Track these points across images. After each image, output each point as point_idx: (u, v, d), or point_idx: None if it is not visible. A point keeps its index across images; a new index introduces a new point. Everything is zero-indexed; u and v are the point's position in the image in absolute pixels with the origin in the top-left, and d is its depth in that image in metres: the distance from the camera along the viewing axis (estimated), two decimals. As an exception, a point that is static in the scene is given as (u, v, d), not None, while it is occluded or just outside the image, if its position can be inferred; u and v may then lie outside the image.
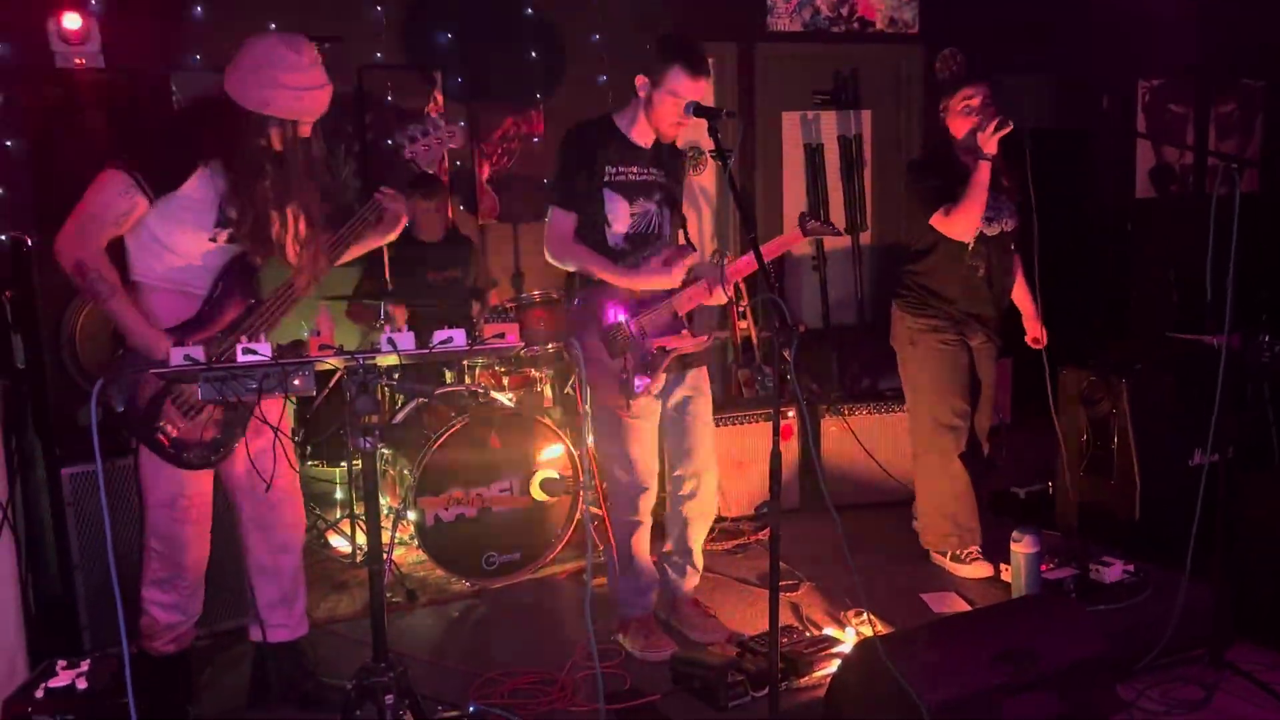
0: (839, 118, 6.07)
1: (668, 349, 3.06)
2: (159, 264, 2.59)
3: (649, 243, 3.12)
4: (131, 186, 2.47)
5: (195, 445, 2.58)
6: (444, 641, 3.39)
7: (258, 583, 2.87)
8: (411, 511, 3.65)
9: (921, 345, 3.73)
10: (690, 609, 3.35)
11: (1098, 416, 4.01)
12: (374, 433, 2.07)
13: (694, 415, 3.23)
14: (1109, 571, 3.46)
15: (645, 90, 3.00)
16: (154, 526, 2.66)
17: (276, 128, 2.54)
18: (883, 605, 3.40)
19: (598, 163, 3.04)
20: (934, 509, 3.81)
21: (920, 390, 3.78)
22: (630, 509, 3.16)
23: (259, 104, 2.50)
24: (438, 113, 2.64)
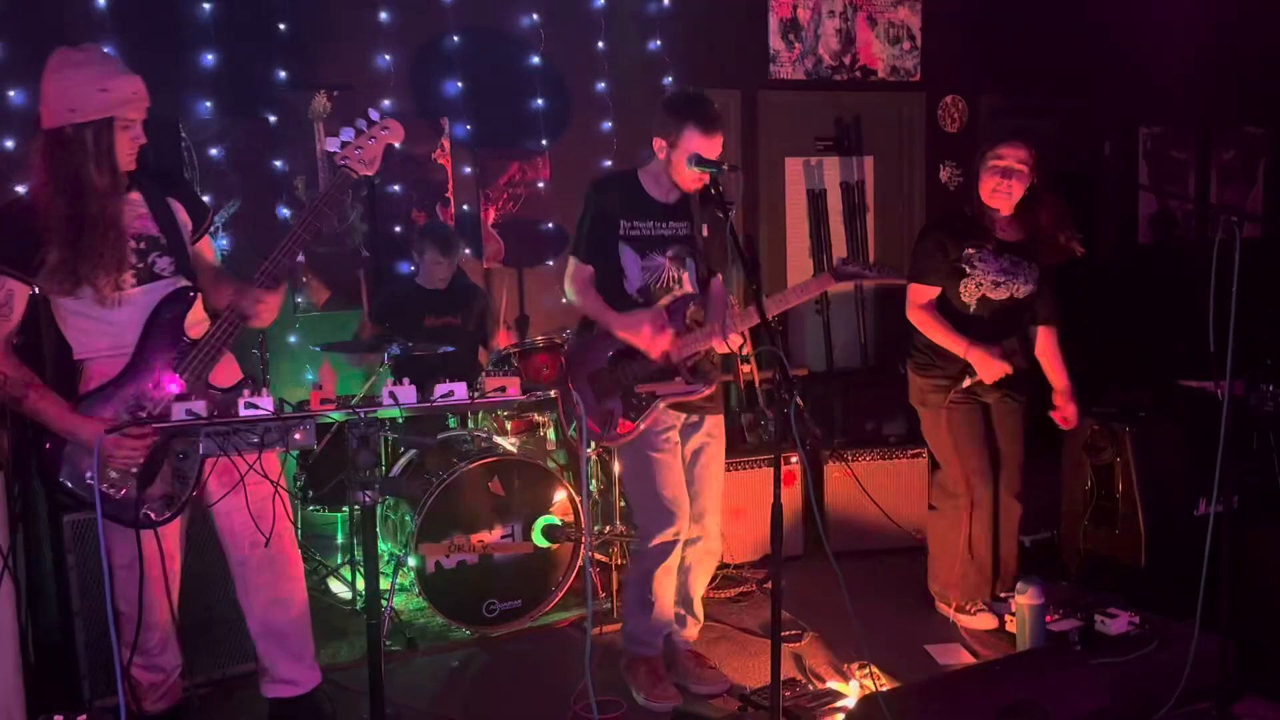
0: (841, 163, 6.12)
1: (656, 395, 3.10)
2: (85, 336, 2.54)
3: (660, 295, 3.17)
4: (2, 276, 2.42)
5: (149, 503, 2.49)
6: (444, 691, 3.36)
7: (262, 640, 2.84)
8: (412, 558, 3.63)
9: (931, 404, 3.71)
10: (690, 661, 3.33)
11: (1102, 465, 4.00)
12: (374, 485, 2.07)
13: (706, 463, 3.27)
14: (1114, 623, 3.42)
15: (665, 153, 3.07)
16: (119, 590, 2.59)
17: (92, 137, 2.39)
18: (887, 657, 3.37)
19: (615, 218, 3.12)
20: (943, 560, 3.79)
21: (935, 448, 3.78)
22: (657, 545, 3.15)
23: (66, 115, 2.37)
24: (372, 110, 2.53)
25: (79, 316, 2.53)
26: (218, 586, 3.21)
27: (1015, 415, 3.71)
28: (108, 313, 2.52)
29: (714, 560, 3.37)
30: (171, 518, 2.56)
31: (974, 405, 3.67)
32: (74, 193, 2.42)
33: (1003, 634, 3.61)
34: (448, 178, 5.14)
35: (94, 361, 2.55)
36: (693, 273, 3.24)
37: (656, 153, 3.09)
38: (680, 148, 3.00)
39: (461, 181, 5.19)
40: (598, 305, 3.14)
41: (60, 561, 3.08)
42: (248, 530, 2.62)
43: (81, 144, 2.40)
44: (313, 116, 4.82)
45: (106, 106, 2.42)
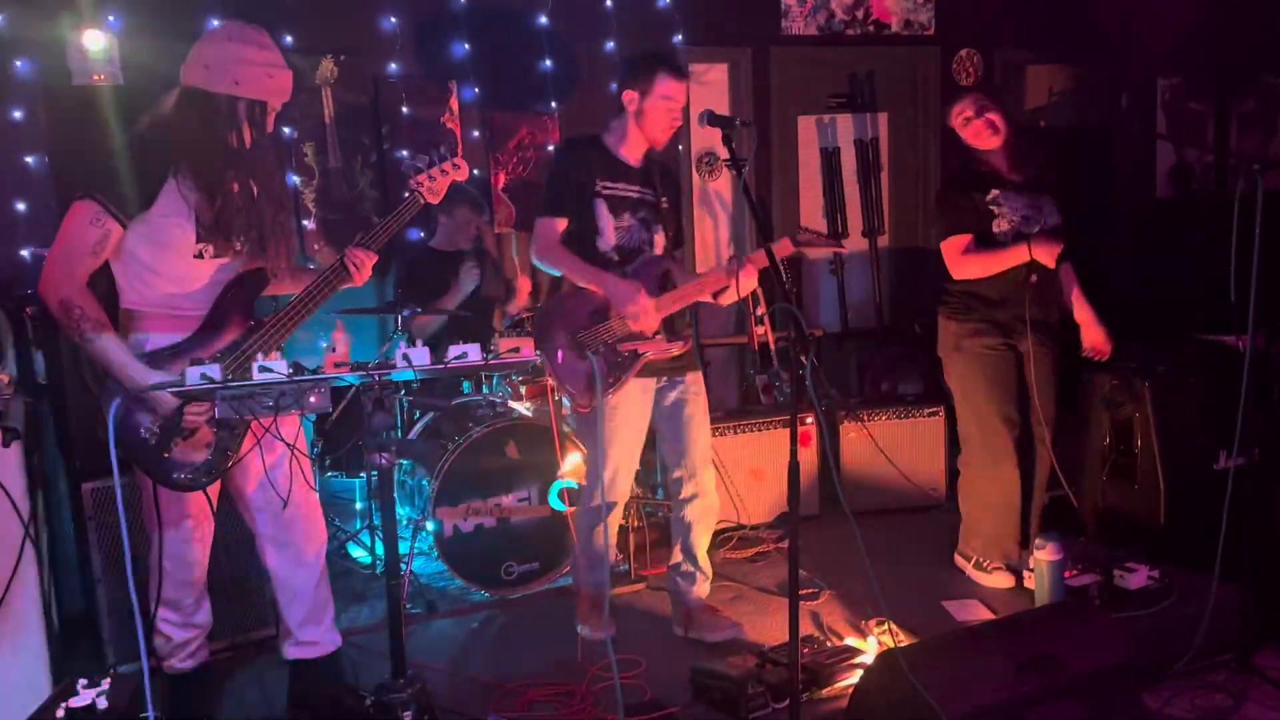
0: (855, 121, 6.04)
1: (638, 353, 3.15)
2: (148, 289, 2.55)
3: (635, 257, 3.22)
4: (100, 213, 2.43)
5: (185, 467, 2.54)
6: (464, 652, 3.39)
7: (284, 601, 2.87)
8: (430, 522, 3.65)
9: (965, 350, 3.67)
10: (703, 614, 3.38)
11: (1121, 420, 3.97)
12: (390, 448, 2.06)
13: (689, 417, 3.30)
14: (1134, 577, 3.42)
15: (636, 104, 3.16)
16: (164, 548, 2.65)
17: (245, 112, 2.51)
18: (905, 613, 3.37)
19: (589, 173, 3.16)
20: (970, 511, 3.79)
21: (965, 396, 3.72)
22: (595, 506, 3.23)
23: (229, 85, 2.47)
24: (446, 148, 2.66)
25: (151, 271, 2.53)
26: (237, 552, 3.24)
27: (1047, 363, 3.67)
28: (183, 277, 2.55)
29: (713, 515, 3.41)
30: (207, 484, 2.60)
31: (1007, 353, 3.63)
32: (228, 158, 2.53)
33: (1022, 590, 3.60)
34: (457, 141, 5.10)
35: (145, 316, 2.55)
36: (658, 237, 3.29)
37: (626, 105, 3.17)
38: (654, 94, 3.12)
39: (471, 145, 5.15)
40: (578, 263, 3.16)
41: (81, 529, 3.11)
42: (269, 492, 2.64)
43: (234, 113, 2.53)
44: (320, 82, 4.78)
45: (268, 92, 2.57)
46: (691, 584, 3.39)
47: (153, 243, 2.51)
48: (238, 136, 2.53)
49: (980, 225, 3.58)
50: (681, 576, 3.39)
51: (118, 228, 2.46)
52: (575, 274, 3.17)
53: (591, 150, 3.24)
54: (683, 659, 3.12)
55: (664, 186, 3.29)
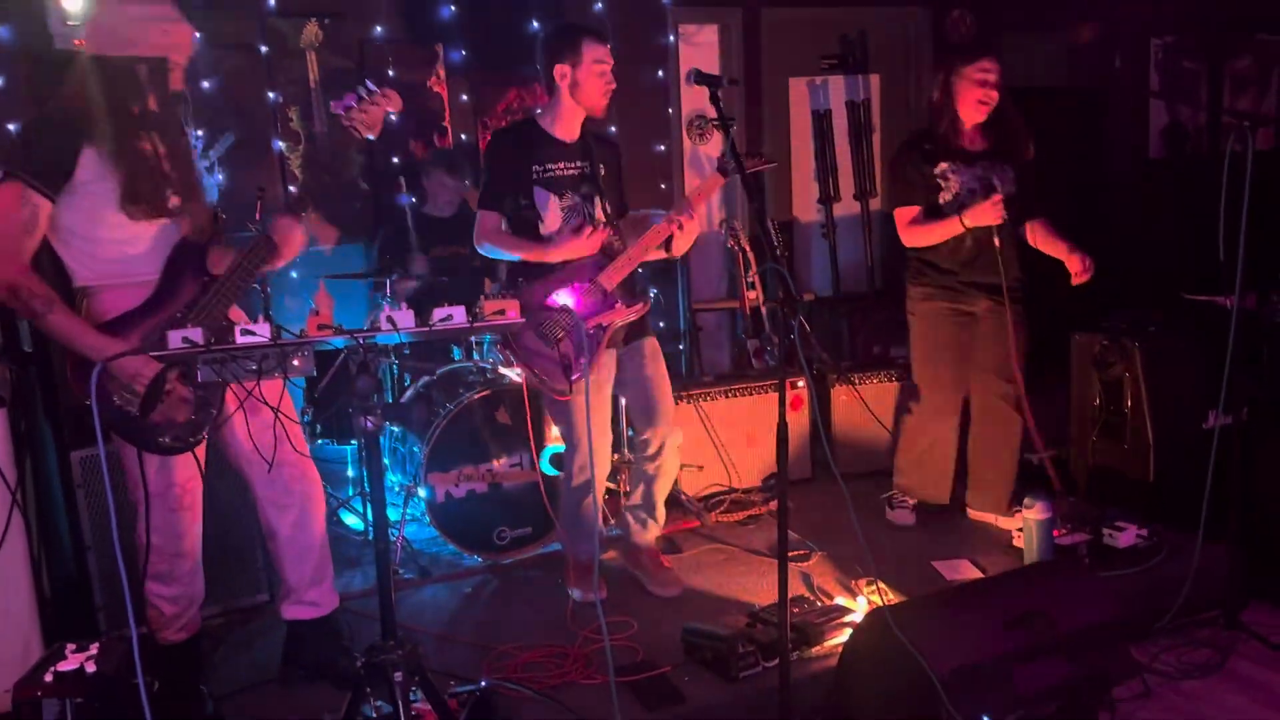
0: (847, 82, 6.00)
1: (604, 325, 3.21)
2: (95, 262, 2.52)
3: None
4: (25, 191, 2.40)
5: (169, 429, 2.51)
6: (457, 617, 3.40)
7: (288, 561, 2.86)
8: (422, 488, 3.65)
9: (919, 313, 3.83)
10: (648, 560, 3.51)
11: (1111, 380, 3.98)
12: (376, 412, 2.06)
13: (649, 378, 3.38)
14: (1122, 536, 3.44)
15: (568, 77, 3.17)
16: (149, 520, 2.62)
17: (145, 74, 2.47)
18: (894, 574, 3.39)
19: (525, 163, 3.20)
20: (900, 452, 4.02)
21: (916, 355, 3.90)
22: (581, 479, 3.32)
23: (125, 46, 2.44)
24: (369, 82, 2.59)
25: (91, 243, 2.51)
26: (229, 520, 3.24)
27: (1005, 324, 3.68)
28: (125, 233, 2.51)
29: (675, 469, 3.51)
30: (196, 443, 2.58)
31: (957, 317, 3.75)
32: (130, 120, 2.48)
33: (1011, 549, 3.62)
34: (444, 106, 5.06)
35: (102, 291, 2.53)
36: (599, 210, 3.32)
37: (559, 81, 3.18)
38: (584, 63, 3.14)
39: (459, 109, 5.11)
40: (520, 244, 3.21)
41: (70, 497, 3.11)
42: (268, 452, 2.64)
43: (134, 76, 2.47)
44: (304, 45, 4.73)
45: (165, 48, 2.50)
46: (644, 528, 3.52)
47: (81, 212, 2.48)
48: (140, 99, 2.49)
49: (928, 197, 3.67)
50: (635, 518, 3.52)
51: (45, 203, 2.44)
52: (518, 252, 3.22)
53: (525, 135, 3.26)
54: (674, 620, 3.13)
55: (601, 155, 3.32)
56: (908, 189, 3.70)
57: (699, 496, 4.25)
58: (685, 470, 4.27)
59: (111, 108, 2.46)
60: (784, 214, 5.92)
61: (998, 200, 3.51)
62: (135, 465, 2.56)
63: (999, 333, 3.70)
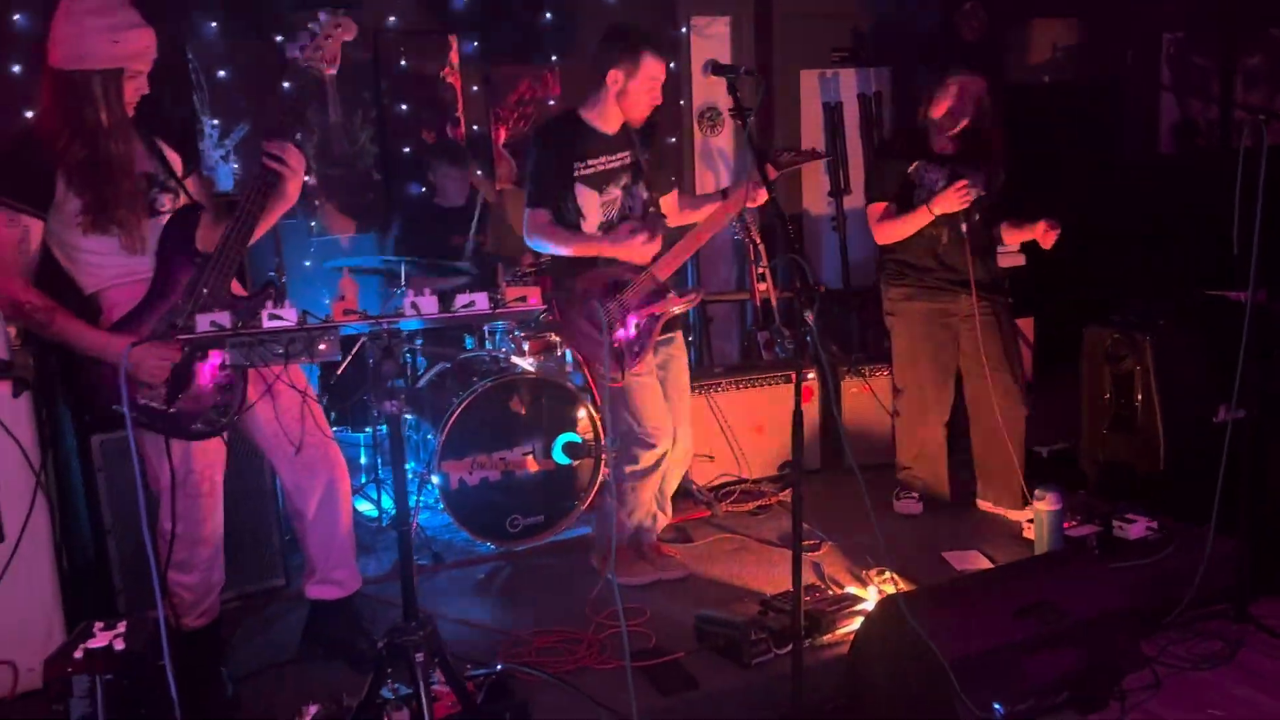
0: (858, 75, 6.00)
1: (657, 315, 3.25)
2: (98, 269, 2.55)
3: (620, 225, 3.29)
4: (14, 213, 2.42)
5: (197, 415, 2.53)
6: (470, 603, 3.43)
7: (314, 542, 2.88)
8: (436, 475, 3.68)
9: (899, 314, 3.88)
10: (650, 549, 3.55)
11: (1121, 373, 3.99)
12: (399, 396, 2.08)
13: (675, 377, 3.46)
14: (1132, 528, 3.46)
15: (620, 84, 3.19)
16: (169, 508, 2.64)
17: (99, 86, 2.42)
18: (905, 563, 3.41)
19: (568, 160, 3.22)
20: (899, 454, 4.06)
21: (897, 355, 3.95)
22: (645, 461, 3.34)
23: (77, 60, 2.40)
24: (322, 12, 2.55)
25: (89, 252, 2.54)
26: (244, 504, 3.27)
27: (992, 319, 3.72)
28: (118, 251, 2.53)
29: (686, 462, 3.62)
30: (227, 425, 2.59)
31: (938, 316, 3.78)
32: (88, 136, 2.45)
33: (1021, 540, 3.64)
34: (457, 97, 5.08)
35: (108, 291, 2.56)
36: (641, 196, 3.35)
37: (610, 85, 3.20)
38: (640, 75, 3.16)
39: (471, 100, 5.13)
40: (576, 238, 3.24)
41: (91, 481, 3.14)
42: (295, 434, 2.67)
43: (89, 90, 2.44)
44: (320, 35, 4.74)
45: (117, 58, 2.45)
46: (654, 523, 3.57)
47: (71, 227, 2.50)
48: (93, 114, 2.44)
49: (901, 193, 3.73)
50: (649, 514, 3.53)
51: (36, 222, 2.46)
52: (571, 247, 3.24)
53: (567, 131, 3.28)
54: (686, 608, 3.16)
55: (643, 140, 3.35)
56: (880, 183, 3.80)
57: (709, 486, 4.27)
58: (696, 460, 4.29)
59: (72, 126, 2.44)
60: (794, 207, 5.94)
61: (962, 185, 3.56)
62: (158, 454, 2.58)
63: (988, 326, 3.71)
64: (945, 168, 3.68)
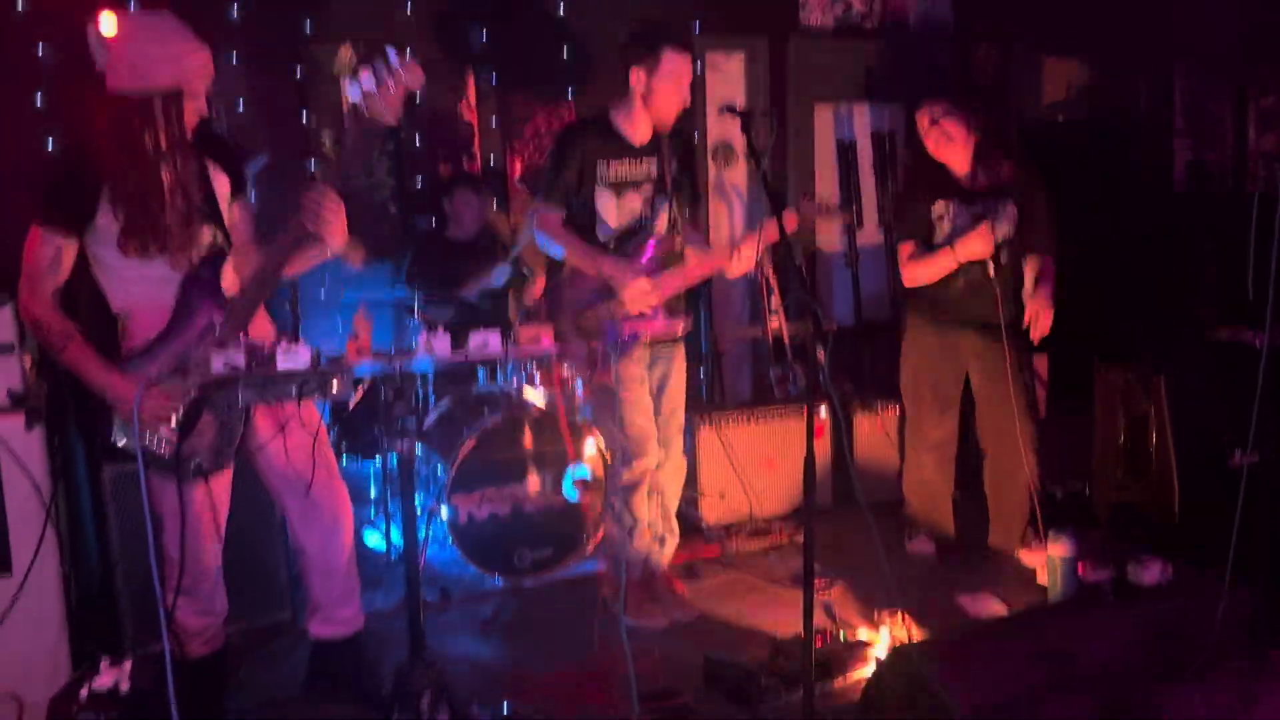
0: (872, 112, 6.02)
1: (638, 334, 3.21)
2: (126, 289, 2.55)
3: (636, 234, 3.27)
4: (50, 233, 2.43)
5: (195, 455, 2.51)
6: (477, 640, 3.41)
7: (317, 579, 2.88)
8: (444, 508, 3.66)
9: (907, 340, 3.92)
10: (663, 586, 3.50)
11: (1135, 415, 3.96)
12: (410, 435, 2.08)
13: (671, 389, 3.43)
14: (1147, 573, 3.41)
15: (643, 83, 3.14)
16: (171, 536, 2.63)
17: (160, 109, 2.41)
18: (917, 606, 3.37)
19: (591, 162, 3.17)
20: (904, 489, 4.06)
21: (904, 389, 3.98)
22: (629, 472, 3.31)
23: (137, 81, 2.38)
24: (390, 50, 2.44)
25: (121, 270, 2.54)
26: (252, 537, 3.26)
27: (1001, 361, 3.64)
28: (149, 270, 2.52)
29: (682, 475, 3.56)
30: (220, 468, 2.58)
31: (945, 353, 3.79)
32: (147, 158, 2.44)
33: (1035, 585, 3.60)
34: (474, 129, 5.11)
35: (132, 313, 2.56)
36: (661, 211, 3.31)
37: (633, 85, 3.16)
38: (660, 71, 3.10)
39: (488, 133, 5.15)
40: (578, 245, 3.20)
41: (100, 513, 3.13)
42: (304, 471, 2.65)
43: (149, 111, 2.42)
44: (338, 70, 4.78)
45: (176, 77, 2.44)
46: (663, 545, 3.51)
47: (108, 247, 2.50)
48: (153, 136, 2.43)
49: (925, 233, 3.72)
50: (656, 539, 3.48)
51: (71, 242, 2.46)
52: (574, 256, 3.21)
53: (595, 132, 3.23)
54: (694, 649, 3.13)
55: (673, 153, 3.30)
56: (905, 225, 3.79)
57: (720, 524, 4.24)
58: (706, 499, 4.27)
59: (124, 146, 2.43)
60: (806, 243, 5.94)
61: (985, 231, 3.53)
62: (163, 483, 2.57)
63: (999, 368, 3.65)
64: (976, 204, 3.63)
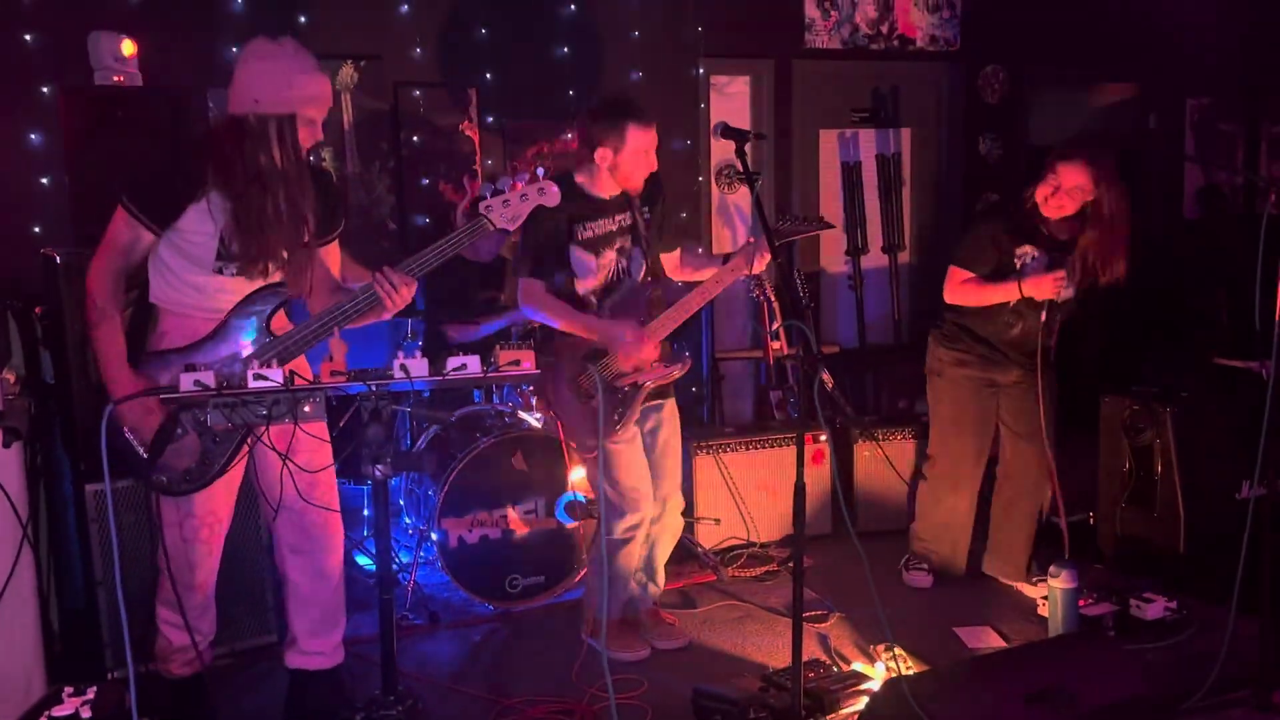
0: (878, 136, 5.99)
1: (639, 384, 3.20)
2: (172, 291, 2.56)
3: (616, 289, 3.26)
4: (133, 219, 2.46)
5: (166, 470, 2.50)
6: (465, 666, 3.35)
7: (294, 609, 2.84)
8: (435, 532, 3.61)
9: (947, 377, 3.76)
10: (649, 618, 3.48)
11: (1141, 445, 3.88)
12: (385, 460, 2.03)
13: (665, 443, 3.39)
14: (1150, 608, 3.34)
15: (609, 160, 3.15)
16: (165, 546, 2.62)
17: (275, 131, 2.44)
18: (915, 639, 3.30)
19: (566, 225, 3.16)
20: (918, 518, 3.95)
21: (938, 419, 3.83)
22: (620, 529, 3.28)
23: (250, 104, 2.43)
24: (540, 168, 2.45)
25: (178, 279, 2.55)
26: (239, 559, 3.21)
27: (1032, 392, 3.61)
28: (205, 280, 2.53)
29: (676, 532, 3.50)
30: (189, 490, 2.54)
31: (986, 387, 3.69)
32: (261, 178, 2.46)
33: (1035, 618, 3.52)
34: (475, 149, 5.09)
35: (167, 313, 2.56)
36: (638, 261, 3.31)
37: (598, 162, 3.16)
38: (626, 148, 3.11)
39: (489, 153, 5.14)
40: (564, 311, 3.17)
41: (84, 531, 3.10)
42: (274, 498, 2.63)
43: (264, 134, 2.45)
44: (339, 88, 4.78)
45: (290, 103, 2.47)
46: (644, 592, 3.48)
47: (180, 253, 2.52)
48: (267, 157, 2.45)
49: (995, 271, 3.57)
50: (636, 583, 3.46)
51: (148, 234, 2.50)
52: (563, 323, 3.17)
53: (567, 198, 3.14)
54: (685, 679, 3.06)
55: (644, 200, 3.29)
56: (979, 256, 3.59)
57: (715, 550, 4.18)
58: (702, 523, 4.21)
59: (246, 168, 2.44)
60: (811, 265, 5.89)
61: (1060, 276, 3.43)
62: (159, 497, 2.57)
63: (1031, 396, 3.61)
64: (1049, 255, 3.53)
